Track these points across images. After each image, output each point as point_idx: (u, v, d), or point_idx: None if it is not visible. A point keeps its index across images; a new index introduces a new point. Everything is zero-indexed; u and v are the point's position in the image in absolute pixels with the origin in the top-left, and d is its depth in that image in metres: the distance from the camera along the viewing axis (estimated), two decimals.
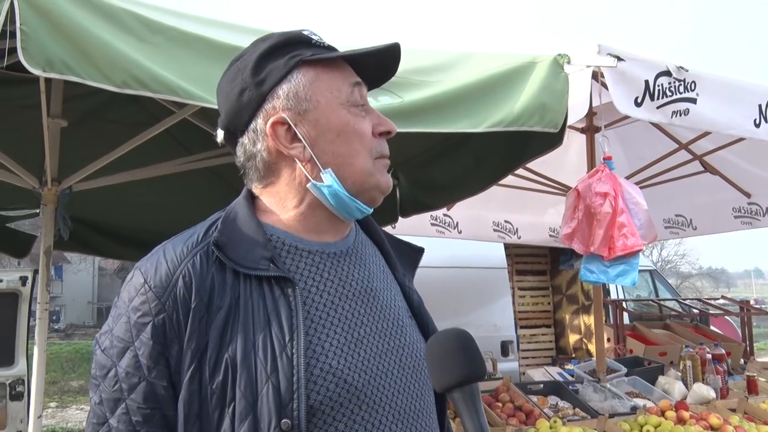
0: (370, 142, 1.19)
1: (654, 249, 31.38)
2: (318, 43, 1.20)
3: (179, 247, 1.14)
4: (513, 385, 3.97)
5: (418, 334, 1.25)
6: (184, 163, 3.69)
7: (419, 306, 1.30)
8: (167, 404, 1.08)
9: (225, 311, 1.08)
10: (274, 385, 1.04)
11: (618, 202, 3.19)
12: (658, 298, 9.12)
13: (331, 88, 1.18)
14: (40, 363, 3.32)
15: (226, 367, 1.06)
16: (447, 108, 2.52)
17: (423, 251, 1.41)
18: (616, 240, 3.19)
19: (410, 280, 1.34)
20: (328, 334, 1.12)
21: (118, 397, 1.09)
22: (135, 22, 2.09)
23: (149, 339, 1.08)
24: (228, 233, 1.16)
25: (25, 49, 1.80)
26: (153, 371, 1.08)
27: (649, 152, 4.92)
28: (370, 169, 1.19)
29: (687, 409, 3.69)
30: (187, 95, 2.04)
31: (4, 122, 3.54)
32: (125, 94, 3.10)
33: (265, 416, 1.03)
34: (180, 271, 1.10)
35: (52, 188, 3.37)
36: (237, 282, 1.11)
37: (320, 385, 1.07)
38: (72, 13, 1.92)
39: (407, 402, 1.17)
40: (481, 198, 4.76)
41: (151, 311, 1.08)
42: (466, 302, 6.88)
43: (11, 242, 4.84)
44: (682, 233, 5.88)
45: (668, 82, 3.01)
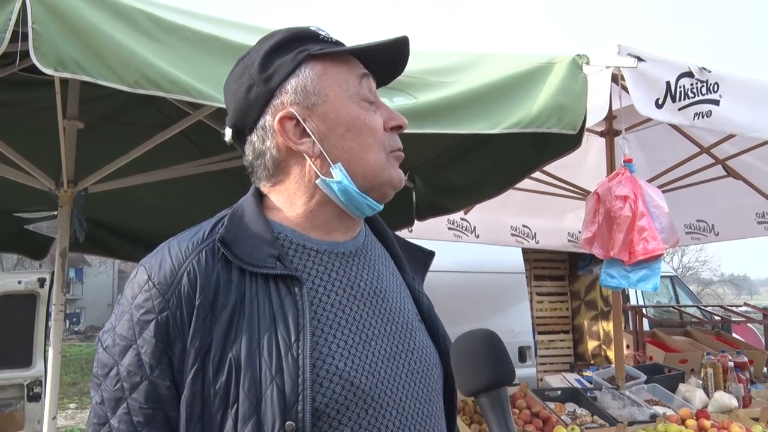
0: (383, 136, 1.18)
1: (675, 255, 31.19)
2: (325, 38, 1.19)
3: (184, 243, 1.12)
4: (530, 391, 3.93)
5: (427, 339, 1.23)
6: (199, 166, 3.70)
7: (429, 310, 1.28)
8: (170, 404, 1.05)
9: (230, 310, 1.06)
10: (278, 386, 1.01)
11: (638, 205, 3.14)
12: (678, 304, 9.02)
13: (340, 82, 1.16)
14: (54, 364, 3.33)
15: (230, 367, 1.03)
16: (463, 109, 2.49)
17: (434, 255, 1.39)
18: (636, 244, 3.13)
19: (420, 284, 1.32)
20: (335, 335, 1.09)
21: (119, 397, 1.07)
22: (148, 21, 2.09)
23: (152, 337, 1.05)
24: (234, 230, 1.13)
25: (37, 48, 1.80)
26: (155, 370, 1.05)
27: (670, 156, 4.86)
28: (382, 164, 1.17)
29: (708, 417, 3.63)
30: (200, 95, 2.03)
31: (22, 125, 3.58)
32: (142, 97, 3.14)
33: (269, 418, 1.01)
34: (185, 268, 1.08)
35: (68, 190, 3.39)
36: (243, 280, 1.08)
37: (326, 387, 1.04)
38: (84, 13, 1.92)
39: (415, 407, 1.14)
40: (498, 202, 4.73)
41: (155, 308, 1.06)
42: (483, 307, 6.82)
43: (30, 244, 4.91)
44: (704, 239, 5.80)
45: (690, 84, 2.97)
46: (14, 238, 4.83)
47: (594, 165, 5.02)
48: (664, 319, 8.58)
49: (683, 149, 4.78)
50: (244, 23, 2.67)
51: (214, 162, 3.66)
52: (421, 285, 1.32)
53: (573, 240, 5.96)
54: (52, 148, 3.25)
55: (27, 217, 4.60)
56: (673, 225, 3.24)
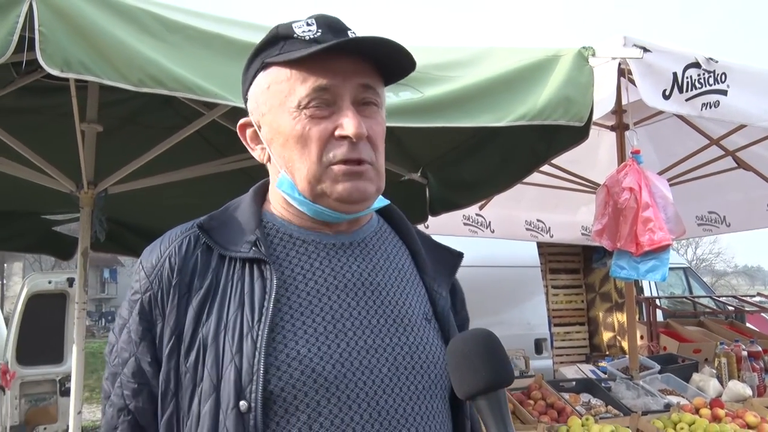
0: (323, 145, 1.12)
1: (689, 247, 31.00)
2: (299, 37, 1.13)
3: (176, 231, 1.19)
4: (545, 382, 3.94)
5: (435, 339, 1.20)
6: (216, 165, 3.77)
7: (443, 311, 1.24)
8: (153, 380, 1.13)
9: (204, 291, 1.12)
10: (236, 366, 1.05)
11: (641, 196, 3.16)
12: (692, 295, 8.99)
13: (284, 91, 1.13)
14: (78, 361, 3.42)
15: (198, 346, 1.09)
16: (469, 102, 2.52)
17: (462, 256, 1.35)
18: (642, 235, 3.15)
19: (441, 284, 1.27)
20: (305, 321, 1.10)
21: (115, 372, 1.17)
22: (152, 21, 2.14)
23: (137, 315, 1.14)
24: (222, 219, 1.19)
25: (43, 50, 1.86)
26: (139, 347, 1.14)
27: (681, 149, 4.85)
28: (316, 175, 1.13)
29: (722, 406, 3.64)
30: (204, 93, 2.08)
31: (45, 129, 3.67)
32: (159, 99, 3.22)
33: (226, 397, 1.05)
34: (168, 252, 1.15)
35: (89, 191, 3.48)
36: (221, 265, 1.14)
37: (283, 371, 1.05)
38: (89, 14, 1.97)
39: (396, 404, 1.11)
40: (513, 197, 4.77)
41: (141, 289, 1.15)
42: (499, 301, 6.88)
43: (58, 245, 5.12)
44: (716, 230, 5.78)
45: (697, 74, 2.97)
46: (43, 239, 5.04)
47: (606, 159, 5.03)
48: (677, 309, 8.56)
49: (693, 141, 4.77)
50: (249, 22, 2.71)
51: (230, 162, 3.73)
52: (445, 286, 1.28)
53: (587, 233, 5.97)
54: (74, 152, 3.34)
55: (54, 219, 4.75)
56: (679, 215, 3.26)
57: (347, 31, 1.15)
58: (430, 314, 1.22)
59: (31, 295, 6.60)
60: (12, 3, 1.87)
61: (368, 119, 1.14)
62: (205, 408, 1.06)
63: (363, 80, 1.14)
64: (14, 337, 6.51)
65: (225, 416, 1.04)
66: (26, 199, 4.40)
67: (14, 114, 3.50)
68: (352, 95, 1.13)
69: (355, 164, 1.12)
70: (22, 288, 6.86)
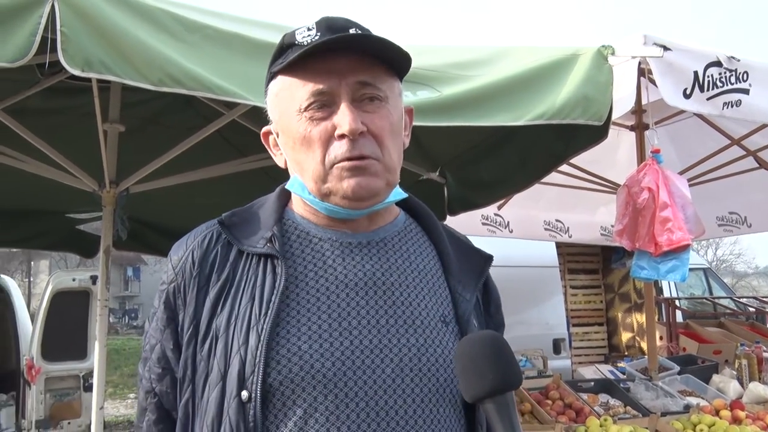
0: (325, 146, 1.14)
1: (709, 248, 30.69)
2: (299, 43, 1.15)
3: (202, 227, 1.25)
4: (563, 382, 3.94)
5: (448, 341, 1.18)
6: (235, 165, 3.81)
7: (464, 315, 1.22)
8: (175, 366, 1.20)
9: (221, 284, 1.16)
10: (241, 357, 1.09)
11: (659, 196, 3.14)
12: (712, 296, 8.92)
13: (287, 97, 1.18)
14: (100, 358, 3.47)
15: (213, 336, 1.14)
16: (487, 101, 2.52)
17: (491, 259, 1.33)
18: (659, 235, 3.13)
19: (466, 287, 1.25)
20: (310, 318, 1.12)
21: (146, 357, 1.25)
22: (171, 21, 2.17)
23: (162, 304, 1.22)
24: (243, 215, 1.24)
25: (65, 50, 1.90)
26: (164, 334, 1.21)
27: (701, 149, 4.82)
28: (321, 176, 1.15)
29: (743, 408, 3.62)
30: (222, 92, 2.11)
31: (69, 130, 3.73)
32: (181, 100, 3.25)
33: (230, 386, 1.09)
34: (192, 246, 1.22)
35: (111, 190, 3.52)
36: (239, 259, 1.18)
37: (283, 365, 1.08)
38: (109, 14, 2.01)
39: (395, 405, 1.11)
40: (531, 197, 4.76)
41: (167, 281, 1.22)
42: (518, 301, 6.87)
43: (82, 243, 5.21)
44: (737, 231, 5.73)
45: (719, 73, 2.96)
46: (67, 238, 5.13)
47: (625, 159, 5.01)
48: (697, 310, 8.51)
49: (714, 141, 4.74)
50: (267, 21, 2.73)
51: (250, 161, 3.76)
52: (470, 289, 1.26)
53: (606, 234, 5.95)
54: (97, 151, 3.39)
55: (78, 217, 4.83)
56: (698, 215, 3.24)
57: (348, 30, 1.15)
58: (449, 317, 1.21)
59: (56, 292, 6.74)
60: (34, 4, 1.92)
61: (369, 114, 1.15)
62: (213, 395, 1.11)
63: (359, 77, 1.14)
64: (39, 333, 6.65)
65: (228, 404, 1.08)
66: (51, 198, 4.47)
67: (39, 114, 3.56)
68: (350, 94, 1.14)
69: (357, 160, 1.13)
70: (47, 285, 7.00)
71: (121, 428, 9.68)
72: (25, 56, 1.90)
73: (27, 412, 6.60)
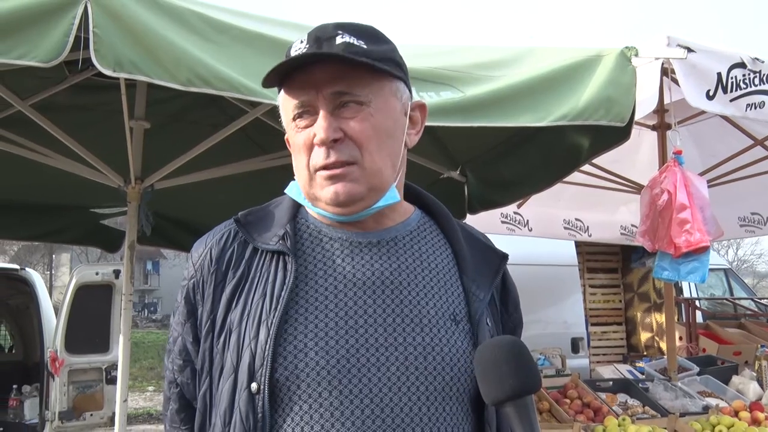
0: (308, 153, 1.19)
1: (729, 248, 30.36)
2: (289, 57, 1.19)
3: (221, 225, 1.30)
4: (581, 381, 3.95)
5: (460, 341, 1.19)
6: (257, 162, 3.84)
7: (477, 314, 1.22)
8: (195, 358, 1.25)
9: (236, 280, 1.21)
10: (251, 351, 1.14)
11: (679, 197, 3.13)
12: (732, 296, 8.86)
13: (284, 107, 1.24)
14: (125, 351, 3.53)
15: (227, 330, 1.19)
16: (510, 102, 2.54)
17: (506, 258, 1.35)
18: (677, 236, 3.13)
19: (480, 286, 1.26)
20: (317, 315, 1.15)
21: (170, 349, 1.31)
22: (200, 22, 2.22)
23: (183, 299, 1.27)
24: (259, 214, 1.28)
25: (97, 50, 1.95)
26: (184, 327, 1.26)
27: (723, 149, 4.80)
28: (307, 181, 1.21)
29: (762, 410, 3.61)
30: (249, 92, 2.14)
31: (96, 126, 3.79)
32: (205, 98, 3.30)
33: (242, 378, 1.14)
34: (211, 244, 1.27)
35: (136, 186, 3.58)
36: (254, 256, 1.22)
37: (289, 362, 1.12)
38: (140, 15, 2.05)
39: (400, 402, 1.13)
40: (551, 196, 4.76)
41: (188, 276, 1.27)
42: (537, 299, 6.87)
43: (105, 238, 5.30)
44: (759, 231, 5.69)
45: (742, 74, 2.95)
46: (92, 232, 5.21)
47: (646, 159, 5.00)
48: (717, 311, 8.46)
49: (737, 141, 4.71)
50: (293, 21, 2.77)
51: (272, 158, 3.80)
52: (484, 288, 1.27)
53: (626, 233, 5.93)
54: (122, 148, 3.44)
55: (102, 212, 4.91)
56: (715, 217, 3.22)
57: (335, 38, 1.17)
58: (460, 315, 1.22)
59: (79, 286, 6.84)
60: (68, 5, 1.96)
61: (347, 120, 1.16)
62: (226, 386, 1.16)
63: (334, 88, 1.16)
64: (63, 326, 6.74)
65: (239, 396, 1.13)
66: (75, 194, 4.55)
67: (66, 111, 3.62)
68: (327, 104, 1.17)
69: (333, 168, 1.16)
70: (71, 279, 7.09)
71: (141, 420, 9.81)
72: (58, 56, 1.95)
73: (50, 404, 6.71)
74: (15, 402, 7.17)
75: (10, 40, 1.93)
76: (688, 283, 7.90)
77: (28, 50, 1.94)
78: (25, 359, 8.43)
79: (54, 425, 6.63)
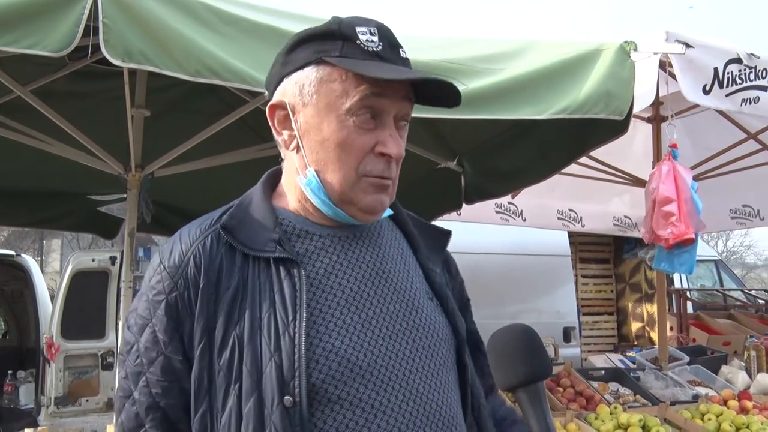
0: (362, 156, 1.16)
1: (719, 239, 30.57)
2: (363, 45, 1.15)
3: (194, 229, 1.21)
4: (574, 370, 4.00)
5: (438, 315, 1.26)
6: (256, 151, 3.86)
7: (440, 288, 1.29)
8: (184, 377, 1.15)
9: (233, 291, 1.14)
10: (277, 364, 1.08)
11: (665, 190, 3.18)
12: (722, 288, 8.97)
13: (336, 91, 1.15)
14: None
15: (233, 344, 1.11)
16: (511, 95, 2.57)
17: (450, 234, 1.40)
18: (662, 228, 3.18)
19: (435, 262, 1.33)
20: (333, 314, 1.14)
21: (139, 371, 1.17)
22: (208, 13, 2.23)
23: (164, 315, 1.15)
24: (239, 217, 1.21)
25: (107, 41, 1.96)
26: (169, 346, 1.15)
27: (717, 142, 4.84)
28: (350, 184, 1.16)
29: (750, 399, 3.67)
30: (256, 83, 2.15)
31: (95, 113, 3.78)
32: (205, 86, 3.30)
33: (269, 394, 1.08)
34: (191, 252, 1.17)
35: (136, 174, 3.58)
36: (246, 264, 1.16)
37: (322, 364, 1.10)
38: (150, 6, 2.06)
39: (421, 381, 1.17)
40: (545, 186, 4.78)
41: (165, 290, 1.16)
42: (529, 288, 6.95)
43: (102, 225, 5.32)
44: (750, 224, 5.76)
45: (738, 70, 2.98)
46: (89, 219, 5.21)
47: (640, 151, 5.03)
48: (707, 302, 8.56)
49: (730, 135, 4.75)
50: (302, 14, 2.77)
51: (271, 147, 3.80)
52: (437, 263, 1.34)
53: (618, 224, 5.98)
54: (122, 135, 3.44)
55: (100, 199, 4.91)
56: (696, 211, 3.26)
57: (400, 49, 1.19)
58: (431, 293, 1.28)
59: (76, 272, 6.84)
60: None
61: (401, 139, 1.19)
62: (248, 406, 1.08)
63: (407, 97, 1.18)
64: (59, 312, 6.74)
65: (270, 412, 1.07)
66: (73, 180, 4.54)
67: (65, 98, 3.61)
68: (396, 111, 1.17)
69: (385, 179, 1.18)
70: (67, 265, 7.09)
71: None
72: (69, 46, 1.96)
73: (46, 389, 6.72)
74: (10, 387, 7.17)
75: (21, 30, 1.94)
76: (679, 273, 7.99)
77: (38, 40, 1.95)
78: (20, 345, 8.43)
79: (50, 410, 6.63)
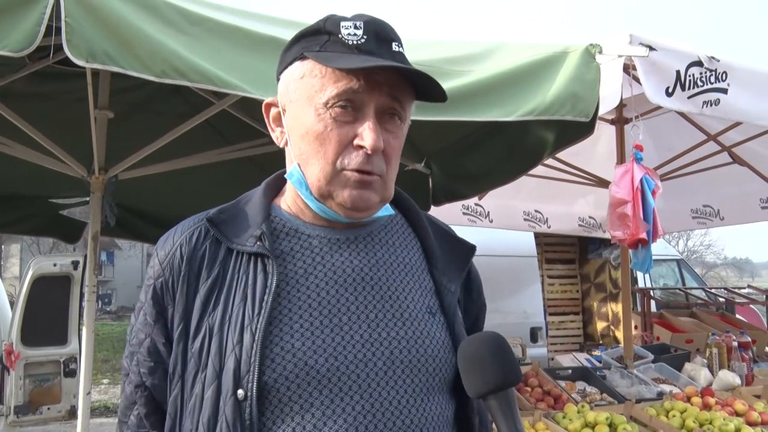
0: (341, 149, 1.14)
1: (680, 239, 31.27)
2: (343, 38, 1.14)
3: (188, 221, 1.25)
4: (542, 370, 4.02)
5: (439, 332, 1.21)
6: (222, 153, 3.82)
7: (450, 306, 1.25)
8: (167, 360, 1.20)
9: (211, 282, 1.17)
10: (236, 357, 1.11)
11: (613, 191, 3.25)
12: (684, 286, 9.15)
13: (315, 86, 1.15)
14: (88, 342, 3.49)
15: (204, 333, 1.15)
16: (479, 97, 2.57)
17: (474, 249, 1.36)
18: (616, 229, 3.24)
19: (451, 279, 1.28)
20: (302, 315, 1.14)
21: (133, 351, 1.25)
22: (174, 13, 2.19)
23: (150, 299, 1.22)
24: (232, 212, 1.24)
25: (69, 41, 1.91)
26: (154, 328, 1.21)
27: (678, 143, 4.93)
28: (327, 176, 1.15)
29: (713, 395, 3.72)
30: (224, 84, 2.13)
31: (57, 115, 3.70)
32: (169, 87, 3.27)
33: (226, 385, 1.11)
34: (179, 242, 1.22)
35: (99, 177, 3.53)
36: (229, 257, 1.19)
37: (277, 363, 1.10)
38: (114, 6, 2.02)
39: (389, 396, 1.13)
40: (511, 188, 4.82)
41: (154, 276, 1.22)
42: (496, 289, 6.95)
43: (65, 229, 5.17)
44: (710, 223, 5.89)
45: (699, 72, 3.02)
46: (50, 222, 5.08)
47: (604, 152, 5.10)
48: (670, 300, 8.71)
49: (691, 136, 4.85)
50: (270, 15, 2.75)
51: (237, 150, 3.78)
52: (455, 280, 1.29)
53: (583, 224, 6.06)
54: (85, 137, 3.38)
55: (62, 202, 4.80)
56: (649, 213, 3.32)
57: (392, 42, 1.16)
58: (435, 308, 1.24)
59: (37, 277, 6.64)
60: None
61: (387, 133, 1.16)
62: (208, 393, 1.12)
63: (392, 91, 1.15)
64: (19, 318, 6.53)
65: (224, 403, 1.10)
66: (33, 183, 4.43)
67: (26, 99, 3.53)
68: (378, 104, 1.14)
69: (366, 175, 1.15)
70: (28, 270, 6.88)
71: (98, 414, 9.62)
72: (30, 46, 1.91)
73: (6, 398, 6.51)
74: None
75: None
76: (642, 273, 8.13)
77: None
78: None
79: (9, 420, 6.45)
